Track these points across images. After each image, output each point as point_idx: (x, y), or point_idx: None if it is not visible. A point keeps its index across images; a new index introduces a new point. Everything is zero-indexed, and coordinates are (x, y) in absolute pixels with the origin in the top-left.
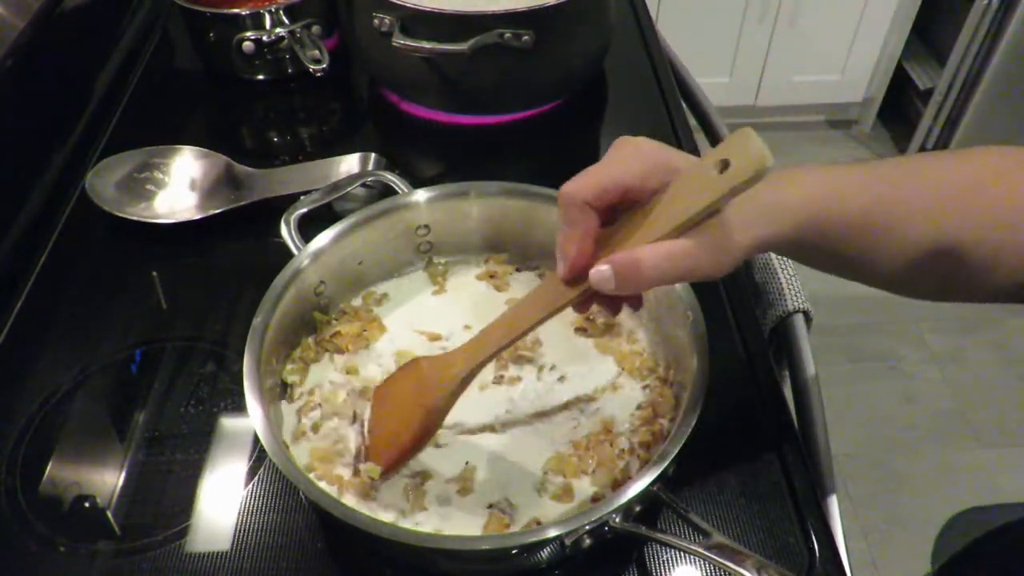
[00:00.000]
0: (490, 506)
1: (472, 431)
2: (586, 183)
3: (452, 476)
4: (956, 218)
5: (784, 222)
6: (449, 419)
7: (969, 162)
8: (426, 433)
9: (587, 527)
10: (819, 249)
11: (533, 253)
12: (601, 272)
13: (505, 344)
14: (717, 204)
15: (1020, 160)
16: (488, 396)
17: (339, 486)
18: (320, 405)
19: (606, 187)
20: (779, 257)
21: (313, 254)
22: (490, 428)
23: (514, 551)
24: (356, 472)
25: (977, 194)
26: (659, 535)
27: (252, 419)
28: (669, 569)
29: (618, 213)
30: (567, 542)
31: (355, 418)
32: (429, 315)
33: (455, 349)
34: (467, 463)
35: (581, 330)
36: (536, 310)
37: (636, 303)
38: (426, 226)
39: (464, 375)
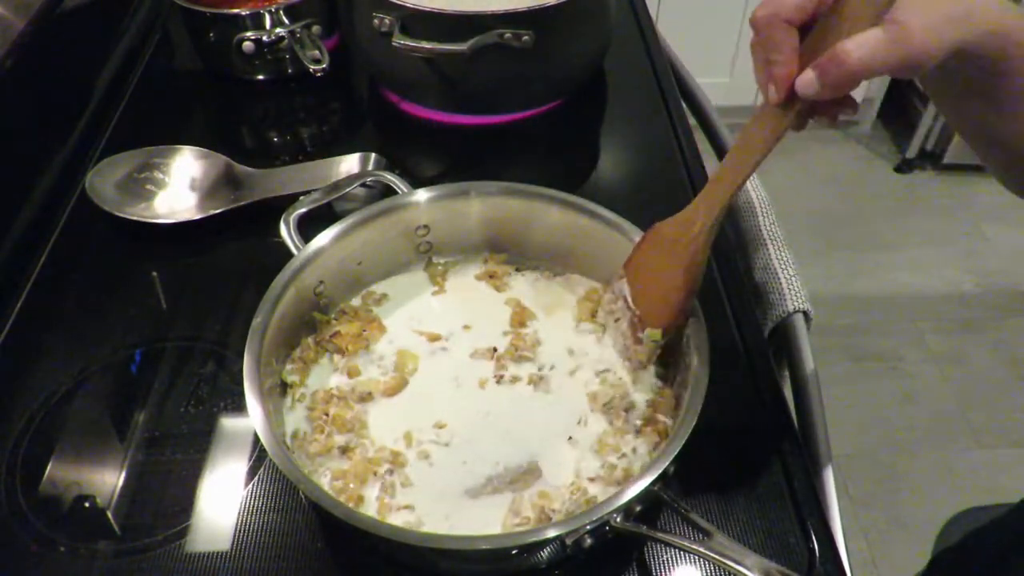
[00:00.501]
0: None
1: (472, 428)
2: (781, 2)
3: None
4: None
5: (972, 29)
6: (447, 419)
7: None
8: (692, 289)
9: (588, 527)
10: (990, 70)
11: (533, 253)
12: (806, 78)
13: (740, 183)
14: None
15: None
16: (489, 394)
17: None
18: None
19: (803, 1)
20: (779, 257)
21: (312, 254)
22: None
23: (514, 551)
24: (637, 341)
25: None
26: (660, 535)
27: (252, 419)
28: (670, 569)
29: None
30: (568, 542)
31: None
32: (429, 315)
33: (690, 206)
34: (464, 462)
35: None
36: (760, 142)
37: (851, 107)
38: (425, 226)
39: (710, 225)
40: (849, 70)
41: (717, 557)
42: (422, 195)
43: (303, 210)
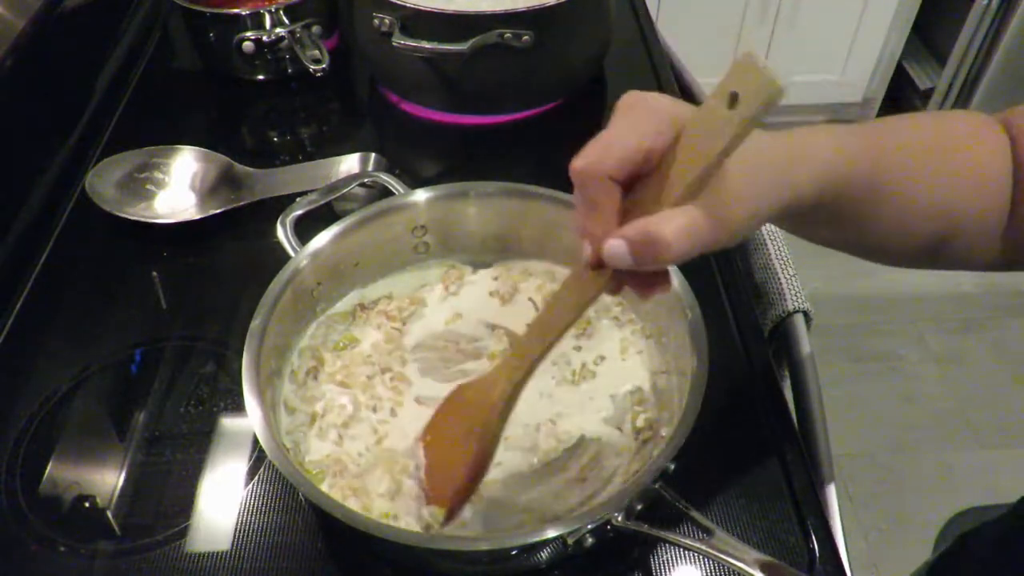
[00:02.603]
0: None
1: None
2: (604, 155)
3: None
4: (944, 177)
5: (798, 191)
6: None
7: (943, 123)
8: (483, 462)
9: (589, 526)
10: (830, 212)
11: (533, 252)
12: (613, 247)
13: (543, 352)
14: (733, 144)
15: (986, 122)
16: None
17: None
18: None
19: (626, 156)
20: (779, 257)
21: (310, 256)
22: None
23: (514, 552)
24: (419, 519)
25: (956, 155)
26: (662, 533)
27: (252, 422)
28: (671, 567)
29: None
30: (569, 541)
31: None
32: (430, 316)
33: (495, 368)
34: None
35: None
36: (568, 308)
37: (665, 285)
38: (423, 226)
39: (508, 394)
40: (662, 255)
41: (719, 554)
42: (420, 195)
43: (299, 212)
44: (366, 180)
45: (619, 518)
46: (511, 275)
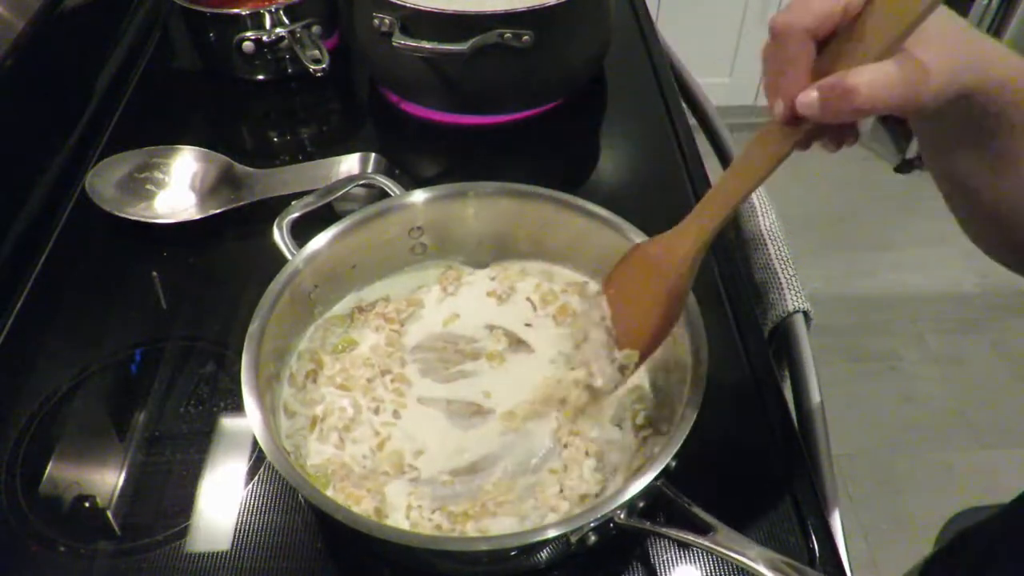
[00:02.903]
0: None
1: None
2: (804, 11)
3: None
4: None
5: (982, 76)
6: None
7: None
8: (674, 312)
9: (592, 524)
10: (989, 122)
11: (530, 252)
12: (807, 100)
13: (736, 203)
14: (930, 7)
15: None
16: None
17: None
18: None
19: (825, 12)
20: (779, 257)
21: (306, 259)
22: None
23: (513, 552)
24: (612, 361)
25: None
26: (664, 530)
27: (252, 425)
28: (673, 564)
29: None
30: (573, 539)
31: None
32: (428, 317)
33: (680, 225)
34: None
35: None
36: (761, 161)
37: (854, 137)
38: (419, 227)
39: (699, 247)
40: (854, 105)
41: (721, 550)
42: (418, 196)
43: (296, 214)
44: (361, 182)
45: (622, 516)
46: (508, 275)
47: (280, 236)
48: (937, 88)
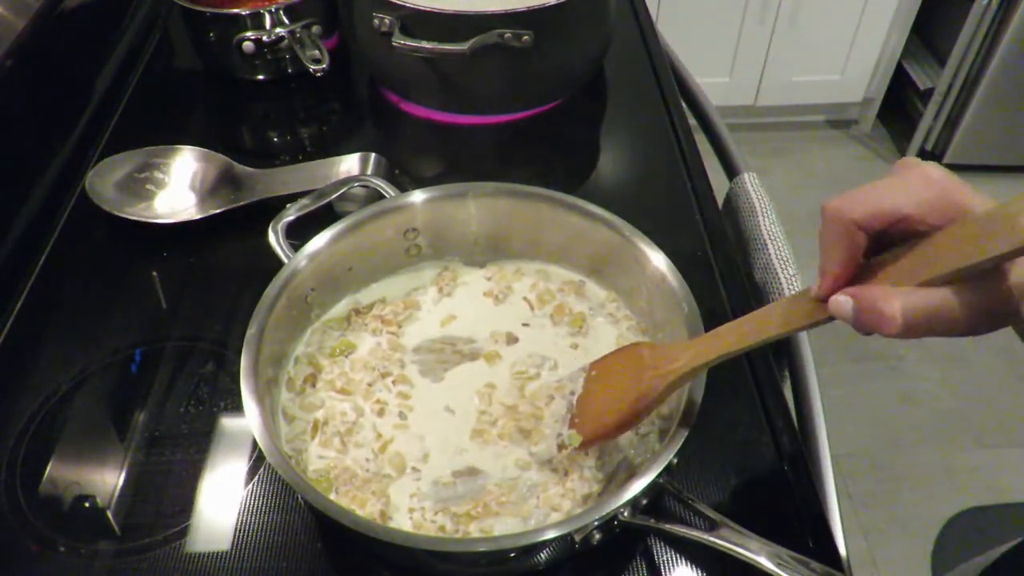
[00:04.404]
0: None
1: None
2: (859, 202)
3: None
4: None
5: None
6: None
7: None
8: (633, 417)
9: (596, 522)
10: None
11: (526, 252)
12: (840, 304)
13: (736, 350)
14: (1014, 254)
15: None
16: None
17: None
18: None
19: (880, 209)
20: (779, 257)
21: (302, 262)
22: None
23: (512, 554)
24: (557, 436)
25: None
26: (668, 526)
27: (252, 427)
28: (676, 561)
29: (888, 245)
30: (577, 538)
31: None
32: (425, 319)
33: (683, 343)
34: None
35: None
36: (779, 322)
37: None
38: (415, 229)
39: (685, 371)
40: (885, 330)
41: (725, 544)
42: (416, 197)
43: (291, 217)
44: (356, 184)
45: (625, 514)
46: (504, 275)
47: (275, 239)
48: (1005, 319)
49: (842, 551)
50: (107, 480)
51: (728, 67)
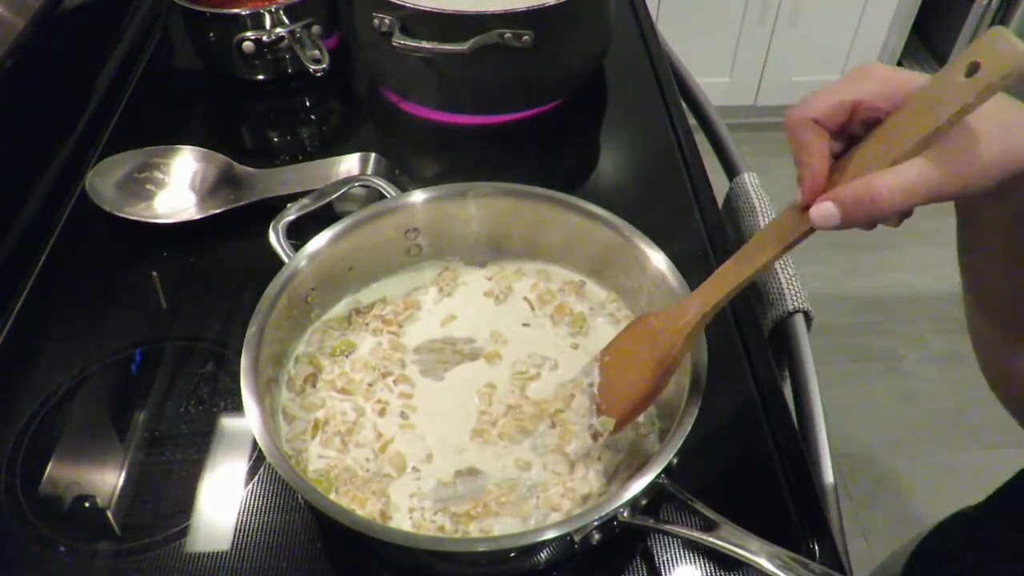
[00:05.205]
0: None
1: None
2: (816, 99)
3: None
4: None
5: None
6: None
7: None
8: (661, 383)
9: (596, 522)
10: None
11: (526, 252)
12: (821, 209)
13: (741, 283)
14: (964, 110)
15: None
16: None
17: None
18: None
19: (836, 101)
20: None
21: (303, 262)
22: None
23: (512, 554)
24: (588, 427)
25: None
26: (668, 527)
27: (252, 427)
28: (675, 561)
29: (852, 142)
30: (577, 538)
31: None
32: (425, 319)
33: (686, 298)
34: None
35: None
36: (772, 242)
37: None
38: (415, 229)
39: (697, 321)
40: (882, 211)
41: (724, 545)
42: (416, 197)
43: (291, 217)
44: (357, 183)
45: (625, 514)
46: (505, 275)
47: (276, 239)
48: (984, 171)
49: (842, 551)
50: (107, 480)
51: (728, 67)
